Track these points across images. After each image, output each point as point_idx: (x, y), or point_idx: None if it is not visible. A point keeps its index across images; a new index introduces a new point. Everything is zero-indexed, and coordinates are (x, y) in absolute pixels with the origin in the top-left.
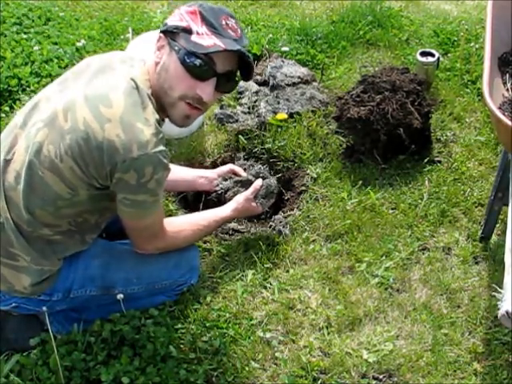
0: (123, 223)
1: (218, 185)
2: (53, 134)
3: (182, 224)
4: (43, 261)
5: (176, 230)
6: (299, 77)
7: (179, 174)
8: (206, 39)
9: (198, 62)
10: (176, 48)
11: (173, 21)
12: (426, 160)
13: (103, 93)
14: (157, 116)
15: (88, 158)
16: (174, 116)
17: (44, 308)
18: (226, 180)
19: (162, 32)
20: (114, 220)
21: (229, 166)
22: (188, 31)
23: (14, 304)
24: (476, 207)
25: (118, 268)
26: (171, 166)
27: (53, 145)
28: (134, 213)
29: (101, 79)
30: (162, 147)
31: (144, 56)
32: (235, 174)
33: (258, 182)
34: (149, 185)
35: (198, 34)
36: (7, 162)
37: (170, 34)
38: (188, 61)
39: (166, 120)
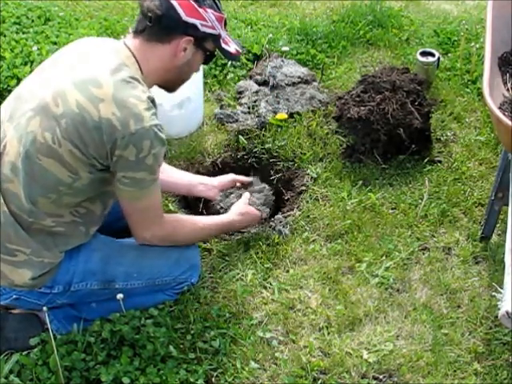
0: (122, 207)
1: (221, 201)
2: (46, 122)
3: (185, 220)
4: (44, 252)
5: (177, 223)
6: (299, 77)
7: (180, 176)
8: (229, 45)
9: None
10: (208, 53)
11: (205, 27)
12: (426, 160)
13: (90, 75)
14: (149, 94)
15: (87, 139)
16: (175, 87)
17: (44, 308)
18: (227, 197)
19: (186, 34)
20: (118, 217)
21: (231, 176)
22: (217, 37)
23: (14, 296)
24: (476, 207)
25: (118, 262)
26: (173, 168)
27: (48, 131)
28: (132, 192)
29: (85, 64)
30: (157, 121)
31: (123, 39)
32: (240, 181)
33: (246, 195)
34: (147, 160)
35: (223, 40)
36: None
37: (201, 38)
38: (211, 60)
39: (164, 121)
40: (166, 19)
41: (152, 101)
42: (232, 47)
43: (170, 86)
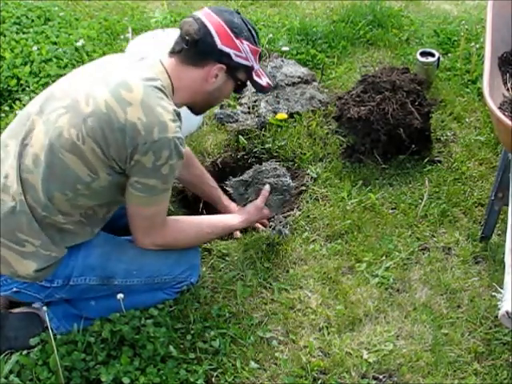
0: (127, 210)
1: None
2: (74, 119)
3: (186, 226)
4: (52, 247)
5: (178, 231)
6: (299, 77)
7: (214, 190)
8: (262, 79)
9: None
10: (238, 83)
11: (238, 57)
12: (426, 160)
13: (123, 79)
14: (174, 107)
15: (111, 139)
16: (203, 110)
17: (44, 308)
18: (246, 191)
19: (220, 61)
20: (121, 214)
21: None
22: (250, 69)
23: (14, 289)
24: (476, 207)
25: (118, 259)
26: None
27: (74, 128)
28: (142, 198)
29: (119, 71)
30: (180, 134)
31: (158, 56)
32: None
33: (266, 188)
34: (163, 169)
35: (256, 72)
36: (24, 145)
37: (233, 68)
38: (242, 89)
39: None
40: (201, 44)
41: (178, 114)
42: (264, 80)
43: (198, 108)
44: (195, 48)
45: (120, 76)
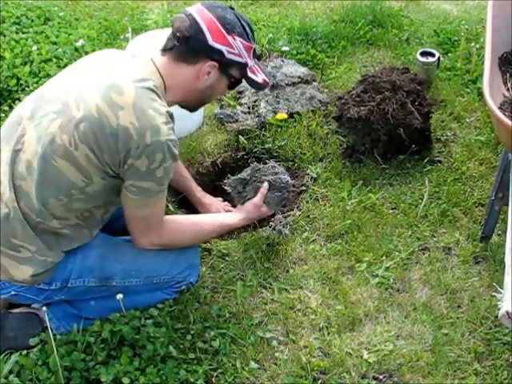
0: (124, 212)
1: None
2: (65, 124)
3: (184, 226)
4: (48, 252)
5: (175, 231)
6: (299, 77)
7: (185, 180)
8: (257, 75)
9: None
10: (232, 80)
11: (231, 54)
12: (426, 160)
13: (113, 82)
14: (167, 108)
15: (103, 144)
16: (196, 107)
17: (44, 308)
18: (244, 189)
19: (211, 58)
20: (118, 216)
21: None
22: (244, 66)
23: (13, 292)
24: (476, 207)
25: (116, 259)
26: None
27: (66, 134)
28: (137, 200)
29: (110, 71)
30: (173, 137)
31: (150, 54)
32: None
33: (265, 186)
34: (157, 172)
35: (250, 69)
36: (16, 152)
37: (226, 65)
38: (236, 86)
39: None
40: (192, 41)
41: (171, 116)
42: (260, 77)
43: (191, 106)
44: (186, 45)
45: (111, 78)
